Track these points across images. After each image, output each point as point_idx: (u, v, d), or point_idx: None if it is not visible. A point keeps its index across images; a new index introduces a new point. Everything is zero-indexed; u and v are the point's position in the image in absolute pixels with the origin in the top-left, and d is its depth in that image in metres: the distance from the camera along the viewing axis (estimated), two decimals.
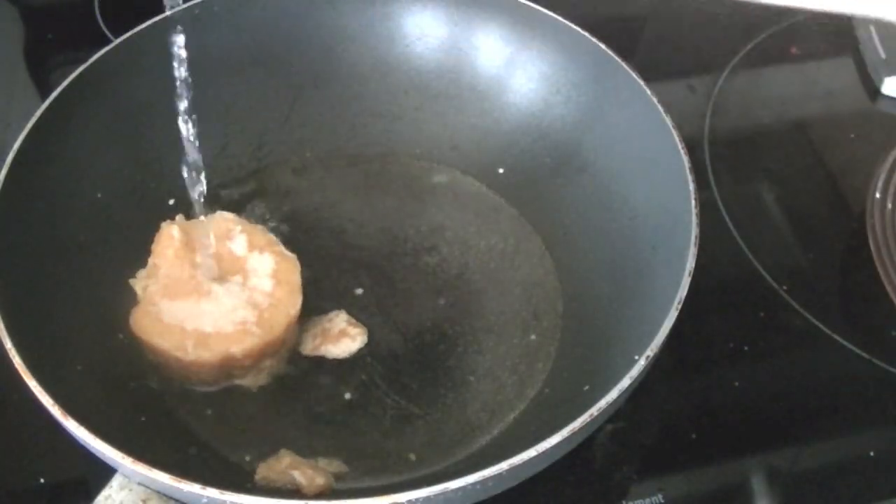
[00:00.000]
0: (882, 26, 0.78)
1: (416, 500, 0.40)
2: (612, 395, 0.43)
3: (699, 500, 0.53)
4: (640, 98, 0.56)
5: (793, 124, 0.75)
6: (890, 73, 0.75)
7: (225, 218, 0.58)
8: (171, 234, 0.55)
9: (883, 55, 0.76)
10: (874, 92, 0.76)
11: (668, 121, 0.54)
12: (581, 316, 0.58)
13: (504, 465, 0.40)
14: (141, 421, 0.50)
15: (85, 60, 0.56)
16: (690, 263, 0.48)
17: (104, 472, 0.45)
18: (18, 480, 0.52)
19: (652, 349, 0.45)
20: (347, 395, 0.55)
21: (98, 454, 0.42)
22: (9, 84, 0.74)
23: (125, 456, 0.40)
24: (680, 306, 0.46)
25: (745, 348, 0.59)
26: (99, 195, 0.57)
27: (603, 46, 0.58)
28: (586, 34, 0.59)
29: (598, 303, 0.56)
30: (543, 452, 0.41)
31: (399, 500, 0.39)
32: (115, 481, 0.44)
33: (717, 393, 0.57)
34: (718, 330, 0.60)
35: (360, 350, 0.56)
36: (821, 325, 0.60)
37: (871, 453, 0.55)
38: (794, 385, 0.58)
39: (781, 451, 0.55)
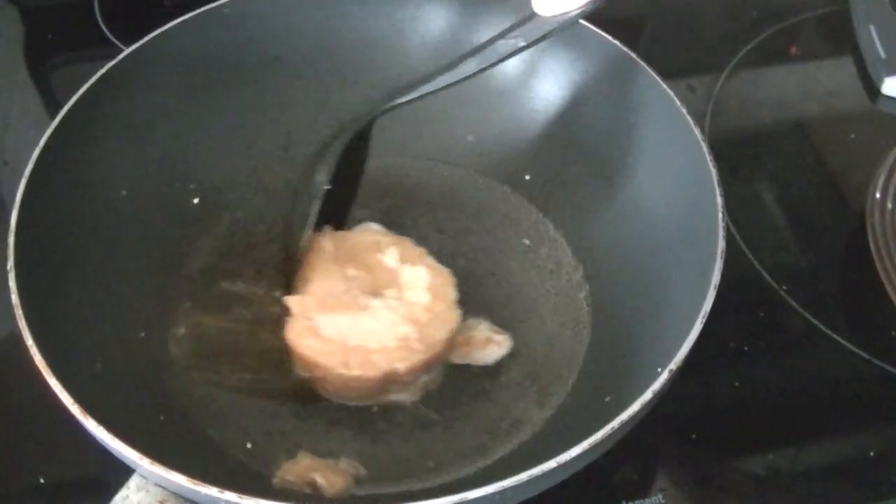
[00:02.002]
0: (882, 26, 0.78)
1: None
2: (635, 407, 0.43)
3: (699, 500, 0.53)
4: (669, 108, 0.56)
5: (793, 124, 0.75)
6: (890, 73, 0.75)
7: (373, 230, 0.57)
8: (322, 245, 0.54)
9: (883, 55, 0.76)
10: (874, 92, 0.76)
11: (696, 132, 0.53)
12: (606, 326, 0.57)
13: (523, 476, 0.40)
14: (160, 421, 0.50)
15: (85, 60, 0.56)
16: (716, 277, 0.47)
17: (116, 473, 0.44)
18: (22, 479, 0.52)
19: (675, 363, 0.45)
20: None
21: (116, 454, 0.42)
22: (9, 84, 0.74)
23: (143, 457, 0.40)
24: (705, 320, 0.46)
25: (745, 348, 0.59)
26: (124, 192, 0.56)
27: (633, 55, 0.58)
28: (617, 42, 0.59)
29: (624, 314, 0.56)
30: (563, 464, 0.41)
31: None
32: (133, 482, 0.43)
33: (717, 393, 0.57)
34: (718, 330, 0.60)
35: None
36: (821, 325, 0.60)
37: (871, 453, 0.55)
38: (794, 385, 0.58)
39: (781, 451, 0.55)
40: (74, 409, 0.42)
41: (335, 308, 0.53)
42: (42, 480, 0.52)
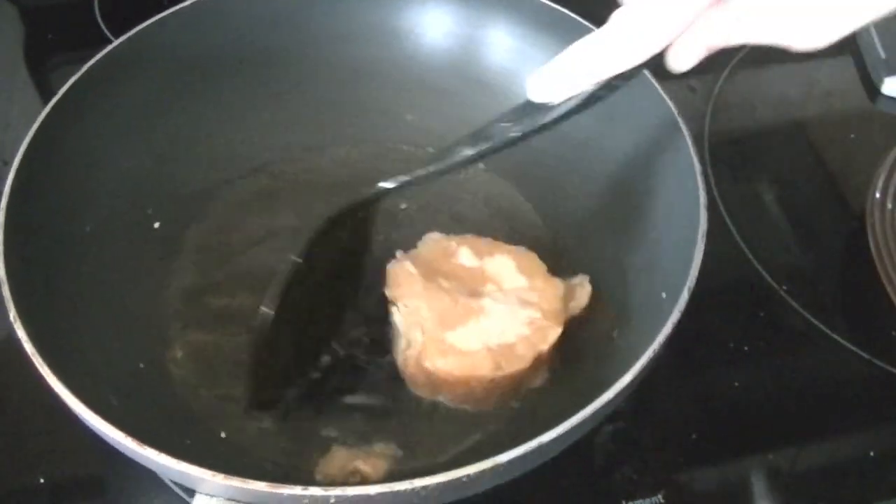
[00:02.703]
0: (882, 26, 0.78)
1: (511, 459, 0.39)
2: (668, 328, 0.44)
3: (699, 500, 0.53)
4: (646, 87, 0.56)
5: (793, 124, 0.75)
6: (890, 73, 0.75)
7: (435, 238, 0.57)
8: (405, 270, 0.54)
9: (883, 55, 0.76)
10: (874, 92, 0.77)
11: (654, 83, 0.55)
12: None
13: (587, 411, 0.41)
14: (187, 443, 0.49)
15: (85, 60, 0.56)
16: (703, 197, 0.49)
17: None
18: (22, 479, 0.52)
19: (691, 280, 0.46)
20: (379, 384, 0.55)
21: (177, 476, 0.40)
22: (9, 84, 0.74)
23: (215, 473, 0.39)
24: (704, 239, 0.47)
25: (745, 348, 0.59)
26: (88, 228, 0.55)
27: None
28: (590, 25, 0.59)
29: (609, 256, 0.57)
30: (619, 393, 0.41)
31: (500, 461, 0.39)
32: (198, 502, 0.42)
33: (717, 393, 0.57)
34: (718, 330, 0.60)
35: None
36: (821, 325, 0.60)
37: (871, 453, 0.55)
38: (794, 385, 0.58)
39: (781, 451, 0.55)
40: (129, 442, 0.40)
41: (457, 321, 0.52)
42: (42, 480, 0.52)
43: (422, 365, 0.52)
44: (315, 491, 0.38)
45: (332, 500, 0.38)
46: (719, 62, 0.77)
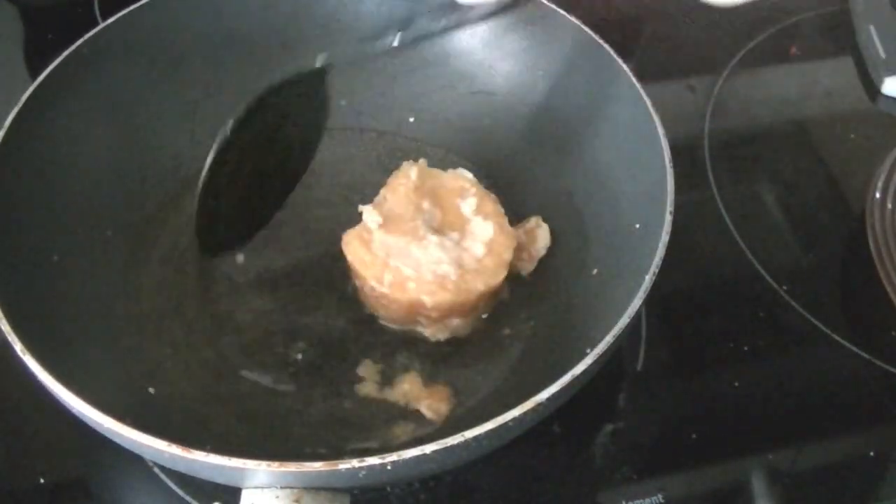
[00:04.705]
0: (882, 26, 0.78)
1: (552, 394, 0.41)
2: (660, 251, 0.46)
3: (699, 500, 0.53)
4: (616, 73, 0.56)
5: (793, 124, 0.75)
6: (890, 73, 0.75)
7: (463, 176, 0.59)
8: (408, 173, 0.57)
9: (883, 55, 0.76)
10: (874, 92, 0.77)
11: (638, 87, 0.55)
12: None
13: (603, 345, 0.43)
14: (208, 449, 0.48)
15: None
16: (658, 122, 0.50)
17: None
18: (22, 479, 0.52)
19: (670, 205, 0.47)
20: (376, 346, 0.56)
21: (229, 470, 0.39)
22: (9, 84, 0.74)
23: (271, 463, 0.38)
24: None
25: (745, 348, 0.59)
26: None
27: (581, 25, 0.58)
28: (568, 16, 0.59)
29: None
30: (621, 333, 0.43)
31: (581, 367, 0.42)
32: (247, 499, 0.41)
33: (717, 393, 0.57)
34: (718, 330, 0.60)
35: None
36: (821, 325, 0.60)
37: (871, 453, 0.55)
38: (794, 385, 0.58)
39: (781, 451, 0.55)
40: (173, 449, 0.39)
41: (394, 230, 0.55)
42: (42, 480, 0.52)
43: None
44: (372, 462, 0.38)
45: (389, 467, 0.38)
46: (719, 62, 0.77)
